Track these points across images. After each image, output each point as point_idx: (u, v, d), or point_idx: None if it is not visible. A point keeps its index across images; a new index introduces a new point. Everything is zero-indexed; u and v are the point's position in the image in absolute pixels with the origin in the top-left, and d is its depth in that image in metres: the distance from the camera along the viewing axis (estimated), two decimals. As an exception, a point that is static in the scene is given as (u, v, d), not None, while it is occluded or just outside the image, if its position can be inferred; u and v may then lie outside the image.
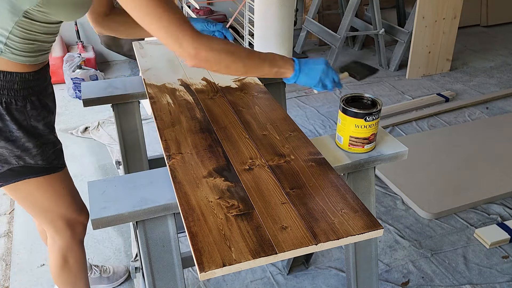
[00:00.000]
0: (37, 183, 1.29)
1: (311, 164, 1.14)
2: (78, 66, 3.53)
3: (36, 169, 1.26)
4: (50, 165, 1.29)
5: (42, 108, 1.25)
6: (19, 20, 1.09)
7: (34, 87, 1.22)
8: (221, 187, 1.05)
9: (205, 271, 0.83)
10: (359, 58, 4.44)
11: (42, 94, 1.26)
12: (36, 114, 1.23)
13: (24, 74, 1.18)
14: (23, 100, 1.19)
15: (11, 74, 1.15)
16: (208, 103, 1.46)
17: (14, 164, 1.22)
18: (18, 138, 1.20)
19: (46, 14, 1.11)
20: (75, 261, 1.51)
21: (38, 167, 1.26)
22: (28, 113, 1.21)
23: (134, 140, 1.79)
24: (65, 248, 1.47)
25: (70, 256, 1.49)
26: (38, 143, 1.24)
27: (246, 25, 3.28)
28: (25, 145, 1.21)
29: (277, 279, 1.95)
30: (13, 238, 2.19)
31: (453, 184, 2.49)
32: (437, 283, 1.94)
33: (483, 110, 3.42)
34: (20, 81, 1.17)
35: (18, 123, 1.19)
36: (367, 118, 1.21)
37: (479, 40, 4.90)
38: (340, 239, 0.91)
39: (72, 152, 2.85)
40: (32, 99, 1.22)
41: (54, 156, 1.30)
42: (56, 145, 1.31)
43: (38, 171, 1.27)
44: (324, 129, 3.15)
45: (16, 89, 1.17)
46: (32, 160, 1.24)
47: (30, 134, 1.22)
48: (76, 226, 1.45)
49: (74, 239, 1.47)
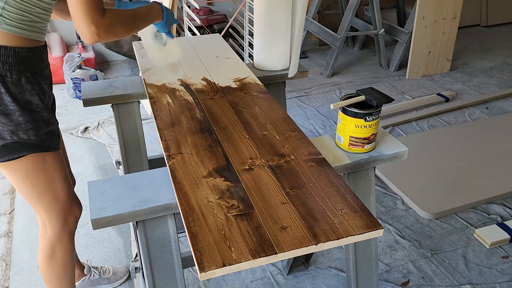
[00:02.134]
0: (32, 163, 1.32)
1: (311, 164, 1.14)
2: (78, 66, 3.53)
3: (29, 145, 1.29)
4: (42, 143, 1.31)
5: (36, 83, 1.28)
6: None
7: (29, 64, 1.25)
8: (221, 187, 1.05)
9: (205, 271, 0.83)
10: (359, 58, 4.44)
11: (37, 74, 1.29)
12: (31, 88, 1.26)
13: (18, 49, 1.22)
14: (18, 74, 1.23)
15: (5, 48, 1.19)
16: (208, 103, 1.46)
17: (8, 140, 1.25)
18: (12, 111, 1.23)
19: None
20: (63, 254, 1.52)
21: (31, 143, 1.29)
22: (23, 86, 1.24)
23: (134, 140, 1.79)
24: (55, 238, 1.49)
25: (58, 247, 1.50)
26: (31, 119, 1.27)
27: (246, 25, 3.28)
28: (18, 119, 1.24)
29: (277, 279, 1.95)
30: (13, 238, 2.19)
31: (453, 184, 2.49)
32: (437, 283, 1.94)
33: (483, 110, 3.42)
34: (14, 55, 1.21)
35: (13, 96, 1.22)
36: (367, 118, 1.21)
37: (479, 40, 4.90)
38: (340, 239, 0.91)
39: (72, 152, 2.85)
40: (26, 74, 1.25)
41: (47, 136, 1.32)
42: (49, 125, 1.33)
43: (31, 147, 1.29)
44: (324, 129, 3.15)
45: (11, 63, 1.21)
46: (25, 135, 1.27)
47: (24, 108, 1.25)
48: (68, 216, 1.48)
49: (64, 230, 1.49)
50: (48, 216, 1.45)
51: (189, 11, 3.25)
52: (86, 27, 1.15)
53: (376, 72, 4.12)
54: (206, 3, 4.30)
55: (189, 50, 1.91)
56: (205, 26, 3.94)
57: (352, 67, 4.23)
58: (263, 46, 1.79)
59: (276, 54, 1.80)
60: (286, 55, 1.84)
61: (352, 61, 4.36)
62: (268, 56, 1.80)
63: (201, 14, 4.03)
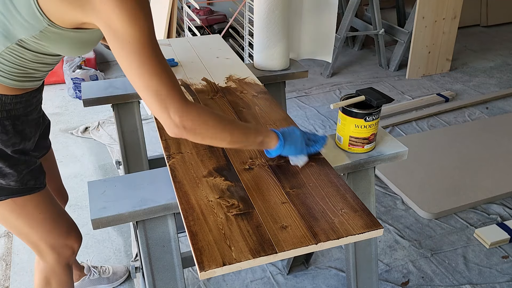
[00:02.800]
0: (10, 208, 1.20)
1: (311, 164, 1.14)
2: (78, 66, 3.53)
3: (8, 190, 1.17)
4: (24, 186, 1.20)
5: (15, 133, 1.15)
6: (11, 45, 1.02)
7: (10, 111, 1.12)
8: (221, 186, 1.05)
9: (205, 270, 0.83)
10: (359, 58, 4.44)
11: (20, 119, 1.16)
12: (6, 139, 1.13)
13: (1, 96, 1.09)
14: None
15: None
16: (208, 103, 1.46)
17: None
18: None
19: (43, 46, 1.04)
20: (58, 285, 1.43)
21: (11, 188, 1.17)
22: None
23: (134, 140, 1.80)
24: (49, 271, 1.40)
25: (53, 279, 1.41)
26: (8, 164, 1.15)
27: (246, 25, 3.29)
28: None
29: (277, 279, 1.95)
30: (13, 238, 2.19)
31: (453, 184, 2.49)
32: (437, 283, 1.94)
33: (483, 110, 3.42)
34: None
35: None
36: (367, 118, 1.21)
37: (479, 40, 4.90)
38: (340, 239, 0.91)
39: (72, 152, 2.85)
40: (4, 123, 1.12)
41: (30, 176, 1.21)
42: (31, 165, 1.21)
43: (10, 192, 1.18)
44: (324, 129, 3.15)
45: None
46: (4, 181, 1.16)
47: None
48: (62, 250, 1.36)
49: (59, 263, 1.38)
50: (37, 251, 1.35)
51: (189, 11, 3.25)
52: (167, 118, 0.94)
53: (376, 72, 4.12)
54: (206, 3, 4.30)
55: (189, 50, 1.91)
56: (205, 26, 3.94)
57: (352, 67, 4.23)
58: (263, 46, 1.79)
59: (276, 54, 1.80)
60: (286, 55, 1.84)
61: (352, 61, 4.36)
62: (268, 56, 1.80)
63: (201, 14, 4.03)
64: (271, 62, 1.82)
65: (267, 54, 1.80)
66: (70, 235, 1.36)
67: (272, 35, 1.76)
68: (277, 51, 1.79)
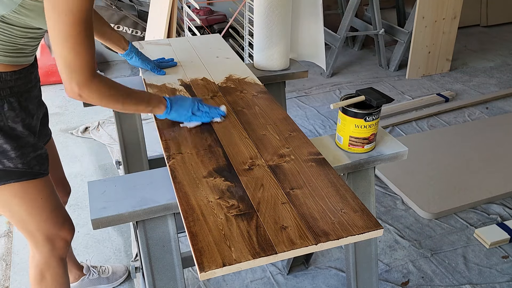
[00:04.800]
0: (13, 192, 1.24)
1: (311, 164, 1.14)
2: (78, 66, 3.53)
3: (16, 173, 1.22)
4: (31, 170, 1.24)
5: (20, 109, 1.21)
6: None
7: (13, 88, 1.19)
8: (221, 187, 1.05)
9: (205, 271, 0.83)
10: (359, 58, 4.44)
11: (23, 96, 1.22)
12: (14, 115, 1.19)
13: (1, 73, 1.15)
14: (0, 101, 1.16)
15: None
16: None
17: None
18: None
19: (24, 20, 1.09)
20: (53, 278, 1.45)
21: (19, 171, 1.22)
22: (5, 114, 1.17)
23: (134, 140, 1.80)
24: (43, 263, 1.41)
25: (47, 272, 1.43)
26: (16, 146, 1.20)
27: (246, 25, 3.28)
28: (3, 147, 1.18)
29: (277, 279, 1.95)
30: (13, 238, 2.19)
31: (453, 184, 2.49)
32: (437, 283, 1.94)
33: (483, 110, 3.42)
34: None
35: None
36: (367, 118, 1.21)
37: (479, 40, 4.90)
38: (340, 239, 0.91)
39: (72, 152, 2.85)
40: (10, 100, 1.18)
41: (36, 161, 1.25)
42: (37, 150, 1.26)
43: (18, 176, 1.22)
44: (324, 129, 3.15)
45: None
46: (11, 163, 1.20)
47: (7, 135, 1.18)
48: (56, 241, 1.39)
49: (53, 255, 1.41)
50: (33, 241, 1.37)
51: (189, 11, 3.25)
52: (69, 85, 1.06)
53: (376, 72, 4.12)
54: (206, 3, 4.30)
55: (189, 50, 1.91)
56: (205, 26, 3.94)
57: (352, 67, 4.23)
58: (263, 46, 1.79)
59: (276, 54, 1.80)
60: (286, 55, 1.84)
61: (352, 61, 4.36)
62: (268, 56, 1.80)
63: (201, 14, 4.03)
64: (271, 62, 1.82)
65: (267, 54, 1.80)
66: (64, 227, 1.40)
67: (272, 35, 1.76)
68: (277, 51, 1.79)
